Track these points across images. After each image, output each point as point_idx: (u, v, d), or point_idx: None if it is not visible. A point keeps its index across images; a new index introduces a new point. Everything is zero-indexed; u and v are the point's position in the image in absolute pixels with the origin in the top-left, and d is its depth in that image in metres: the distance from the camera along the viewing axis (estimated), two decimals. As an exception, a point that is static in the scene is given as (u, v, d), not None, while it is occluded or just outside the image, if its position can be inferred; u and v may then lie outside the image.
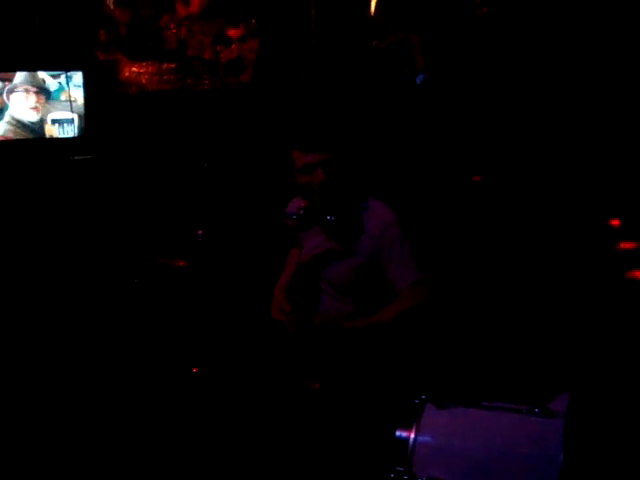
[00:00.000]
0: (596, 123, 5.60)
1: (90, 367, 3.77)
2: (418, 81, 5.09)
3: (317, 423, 2.84)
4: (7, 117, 4.90)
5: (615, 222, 5.26)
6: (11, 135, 4.92)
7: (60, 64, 5.04)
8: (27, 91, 4.93)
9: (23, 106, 4.93)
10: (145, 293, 3.40)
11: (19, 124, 4.94)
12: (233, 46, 5.68)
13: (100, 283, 4.32)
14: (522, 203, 5.22)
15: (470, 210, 5.11)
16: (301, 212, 2.88)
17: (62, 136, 5.05)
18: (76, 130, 5.06)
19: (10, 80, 4.86)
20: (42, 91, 4.97)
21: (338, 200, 2.90)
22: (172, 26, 5.78)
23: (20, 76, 4.89)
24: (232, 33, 5.75)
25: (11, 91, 4.88)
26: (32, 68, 4.93)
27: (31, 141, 4.97)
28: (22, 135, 4.96)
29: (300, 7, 5.45)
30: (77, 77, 5.03)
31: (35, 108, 4.97)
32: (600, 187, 5.37)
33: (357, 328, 2.89)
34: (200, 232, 2.85)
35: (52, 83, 4.98)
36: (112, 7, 5.67)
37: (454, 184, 5.37)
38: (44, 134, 5.01)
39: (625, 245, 5.04)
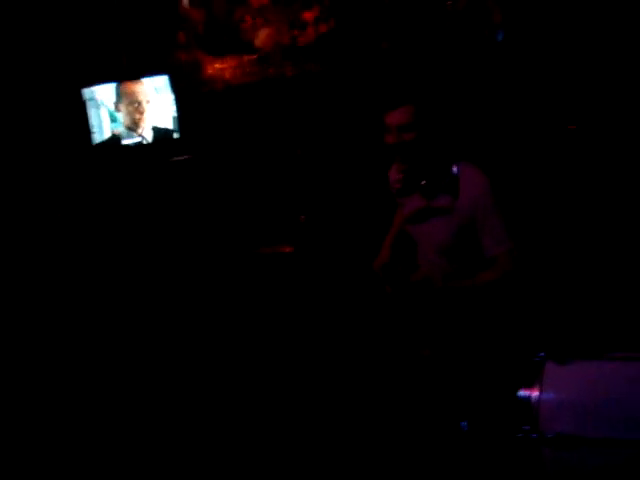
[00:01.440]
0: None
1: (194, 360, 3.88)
2: (499, 38, 5.00)
3: (434, 391, 2.87)
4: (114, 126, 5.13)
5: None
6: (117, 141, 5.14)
7: (145, 71, 5.19)
8: (129, 102, 5.12)
9: (127, 115, 5.13)
10: (255, 282, 3.50)
11: (124, 132, 5.16)
12: (309, 29, 5.70)
13: (211, 275, 4.43)
14: (620, 150, 5.07)
15: (565, 159, 5.00)
16: (400, 178, 2.93)
17: (159, 139, 5.21)
18: (171, 132, 5.21)
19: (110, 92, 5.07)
20: (140, 100, 5.15)
21: (431, 161, 2.93)
22: (247, 18, 5.83)
23: (114, 87, 5.08)
24: (307, 16, 5.76)
25: (115, 103, 5.10)
26: (118, 78, 5.11)
27: (134, 147, 5.16)
28: (127, 141, 5.17)
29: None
30: (164, 81, 5.18)
31: (136, 116, 5.15)
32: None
33: (454, 288, 2.92)
34: (302, 217, 2.92)
35: (146, 91, 5.15)
36: (187, 7, 5.78)
37: (549, 134, 5.26)
38: (144, 139, 5.20)
39: None
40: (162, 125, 5.21)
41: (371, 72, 5.22)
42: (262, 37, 5.66)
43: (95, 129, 5.08)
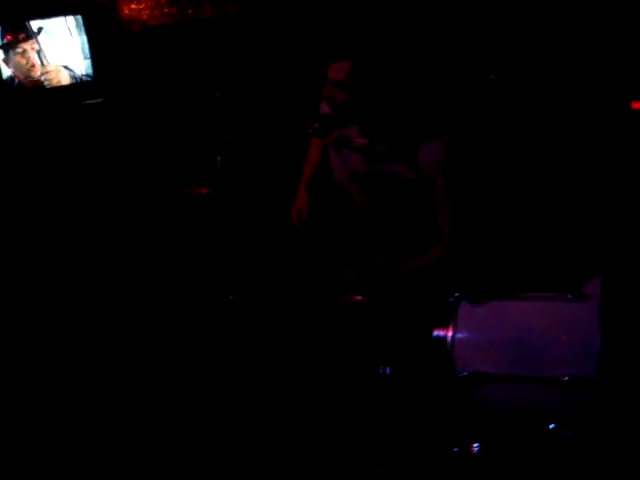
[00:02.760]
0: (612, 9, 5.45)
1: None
2: None
3: (361, 334, 2.88)
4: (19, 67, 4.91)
5: (637, 105, 5.16)
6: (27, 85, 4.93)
7: (58, 9, 4.99)
8: (34, 39, 4.91)
9: (29, 56, 4.92)
10: (172, 223, 3.44)
11: (30, 73, 4.95)
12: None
13: (128, 218, 4.36)
14: (541, 91, 5.12)
15: (487, 107, 5.03)
16: (316, 125, 2.86)
17: (71, 82, 5.03)
18: (85, 74, 5.05)
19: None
20: (48, 39, 4.94)
21: (370, 125, 2.86)
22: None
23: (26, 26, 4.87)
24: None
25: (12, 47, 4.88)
26: (29, 17, 4.89)
27: (43, 90, 4.97)
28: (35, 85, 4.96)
29: None
30: (78, 21, 4.99)
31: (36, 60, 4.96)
32: (621, 68, 5.25)
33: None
34: (219, 159, 2.86)
35: (54, 30, 4.95)
36: (103, -55, 5.57)
37: (470, 83, 5.28)
38: (53, 82, 5.01)
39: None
40: (75, 67, 5.03)
41: (292, 16, 5.13)
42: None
43: (6, 68, 4.87)
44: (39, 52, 4.94)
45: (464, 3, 5.10)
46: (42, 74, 4.96)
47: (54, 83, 4.99)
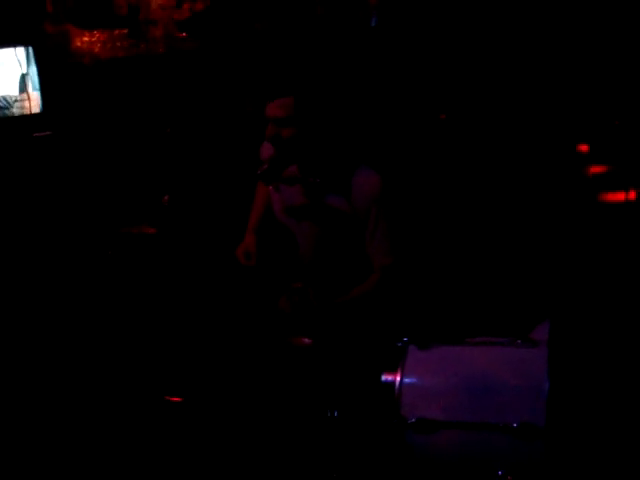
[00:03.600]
0: (561, 45, 5.55)
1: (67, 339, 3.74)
2: (372, 23, 5.00)
3: (309, 377, 2.84)
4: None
5: (584, 147, 5.26)
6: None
7: (8, 40, 4.92)
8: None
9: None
10: (118, 263, 3.38)
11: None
12: (185, 6, 5.57)
13: (72, 257, 4.27)
14: (490, 134, 5.19)
15: (438, 147, 5.08)
16: (265, 167, 2.86)
17: (20, 114, 4.95)
18: (33, 107, 4.97)
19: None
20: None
21: (316, 158, 2.86)
22: (121, -9, 5.64)
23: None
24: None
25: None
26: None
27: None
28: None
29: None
30: (28, 52, 4.93)
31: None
32: (568, 113, 5.35)
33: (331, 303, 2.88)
34: (166, 198, 2.82)
35: (3, 61, 4.87)
36: (56, -24, 5.53)
37: (421, 123, 5.33)
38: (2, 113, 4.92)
39: (595, 169, 5.05)
40: (25, 99, 4.95)
41: (245, 53, 5.14)
42: (137, 12, 5.48)
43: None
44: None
45: (419, 42, 5.17)
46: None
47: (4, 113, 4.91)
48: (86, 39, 5.28)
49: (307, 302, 2.77)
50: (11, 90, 4.92)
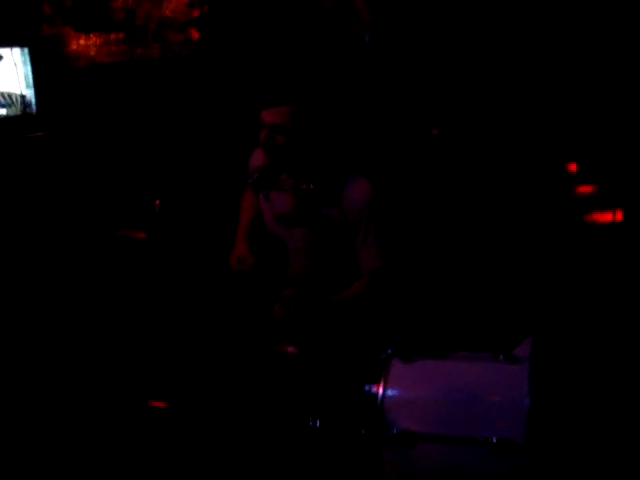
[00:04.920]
0: (550, 65, 5.60)
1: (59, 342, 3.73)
2: (367, 38, 5.03)
3: (293, 386, 2.85)
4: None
5: (572, 166, 5.30)
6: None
7: (4, 40, 4.93)
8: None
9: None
10: (106, 265, 3.38)
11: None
12: (181, 13, 5.60)
13: (62, 257, 4.27)
14: (480, 151, 5.23)
15: (430, 162, 5.11)
16: (255, 176, 2.89)
17: (14, 114, 4.96)
18: (27, 107, 4.97)
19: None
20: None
21: (306, 166, 2.90)
22: (118, -4, 5.66)
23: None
24: (179, 1, 5.65)
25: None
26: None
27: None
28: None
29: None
30: (24, 53, 4.94)
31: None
32: (556, 131, 5.40)
33: (322, 304, 2.90)
34: (157, 202, 2.83)
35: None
36: (54, -22, 5.54)
37: (413, 138, 5.36)
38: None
39: (583, 189, 5.09)
40: (19, 99, 4.96)
41: (241, 63, 5.17)
42: (134, 16, 5.51)
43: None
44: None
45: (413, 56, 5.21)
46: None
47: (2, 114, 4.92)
48: (82, 42, 5.29)
49: (302, 309, 2.79)
50: (7, 89, 4.93)
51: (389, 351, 2.54)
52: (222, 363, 2.99)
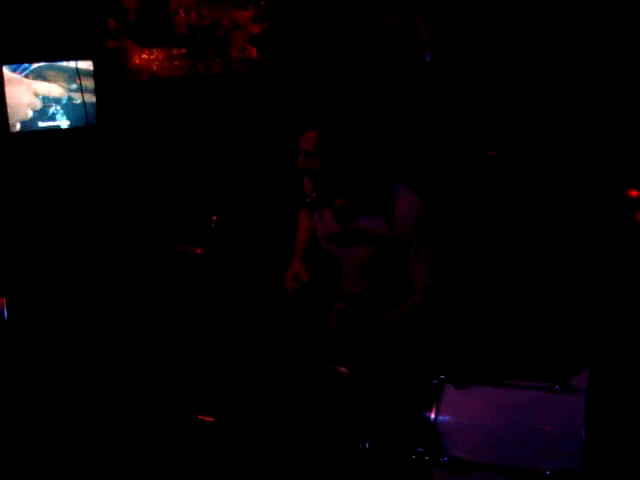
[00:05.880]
0: (611, 93, 5.53)
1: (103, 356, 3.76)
2: (428, 59, 5.03)
3: (343, 407, 2.84)
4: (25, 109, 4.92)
5: (634, 193, 5.21)
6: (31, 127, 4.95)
7: (70, 53, 5.04)
8: (43, 81, 4.93)
9: (36, 98, 4.94)
10: (162, 280, 3.41)
11: (35, 115, 4.96)
12: (243, 29, 5.65)
13: (118, 271, 4.32)
14: (538, 176, 5.17)
15: (486, 185, 5.07)
16: (314, 195, 2.90)
17: (76, 125, 5.05)
18: (89, 119, 5.07)
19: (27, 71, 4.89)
20: (57, 82, 4.98)
21: (347, 184, 2.91)
22: (181, 11, 5.75)
23: (34, 67, 4.90)
24: (241, 15, 5.71)
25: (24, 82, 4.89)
26: (42, 58, 4.94)
27: (47, 132, 4.98)
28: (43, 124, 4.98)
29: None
30: (88, 65, 5.04)
31: (49, 99, 4.98)
32: (617, 158, 5.31)
33: (378, 319, 2.89)
34: (214, 218, 2.85)
35: (64, 74, 4.99)
36: (120, -6, 5.64)
37: (470, 160, 5.33)
38: (59, 125, 5.03)
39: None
40: (81, 111, 5.05)
41: (299, 79, 5.19)
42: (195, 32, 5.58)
43: (12, 109, 4.88)
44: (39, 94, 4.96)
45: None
46: (43, 115, 4.98)
47: (65, 125, 5.01)
48: (144, 56, 5.38)
49: (357, 321, 2.79)
50: (71, 101, 5.03)
51: (442, 376, 2.51)
52: (275, 380, 2.99)
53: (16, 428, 3.27)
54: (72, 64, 5.01)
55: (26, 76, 4.89)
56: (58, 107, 5.02)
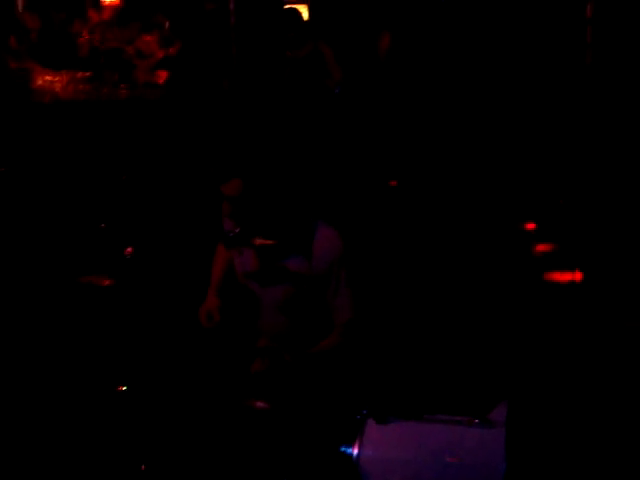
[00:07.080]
0: (509, 127, 5.73)
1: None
2: (337, 91, 5.09)
3: (262, 443, 2.80)
4: None
5: (531, 225, 5.39)
6: None
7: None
8: None
9: None
10: (70, 312, 3.30)
11: None
12: (149, 53, 5.58)
13: (23, 301, 4.14)
14: (438, 207, 5.29)
15: (388, 215, 5.15)
16: (236, 231, 2.88)
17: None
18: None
19: None
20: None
21: (269, 225, 2.90)
22: (84, 33, 5.64)
23: None
24: (147, 39, 5.63)
25: None
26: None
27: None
28: None
29: (219, 14, 5.39)
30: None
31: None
32: (514, 191, 5.50)
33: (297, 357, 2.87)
34: (130, 250, 2.77)
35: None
36: (22, 12, 5.51)
37: (372, 189, 5.41)
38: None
39: (541, 247, 5.17)
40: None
41: (209, 107, 5.16)
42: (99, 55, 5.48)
43: None
44: None
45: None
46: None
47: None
48: (48, 78, 5.23)
49: (280, 360, 2.76)
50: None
51: (364, 411, 2.50)
52: (190, 417, 2.91)
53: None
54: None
55: None
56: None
